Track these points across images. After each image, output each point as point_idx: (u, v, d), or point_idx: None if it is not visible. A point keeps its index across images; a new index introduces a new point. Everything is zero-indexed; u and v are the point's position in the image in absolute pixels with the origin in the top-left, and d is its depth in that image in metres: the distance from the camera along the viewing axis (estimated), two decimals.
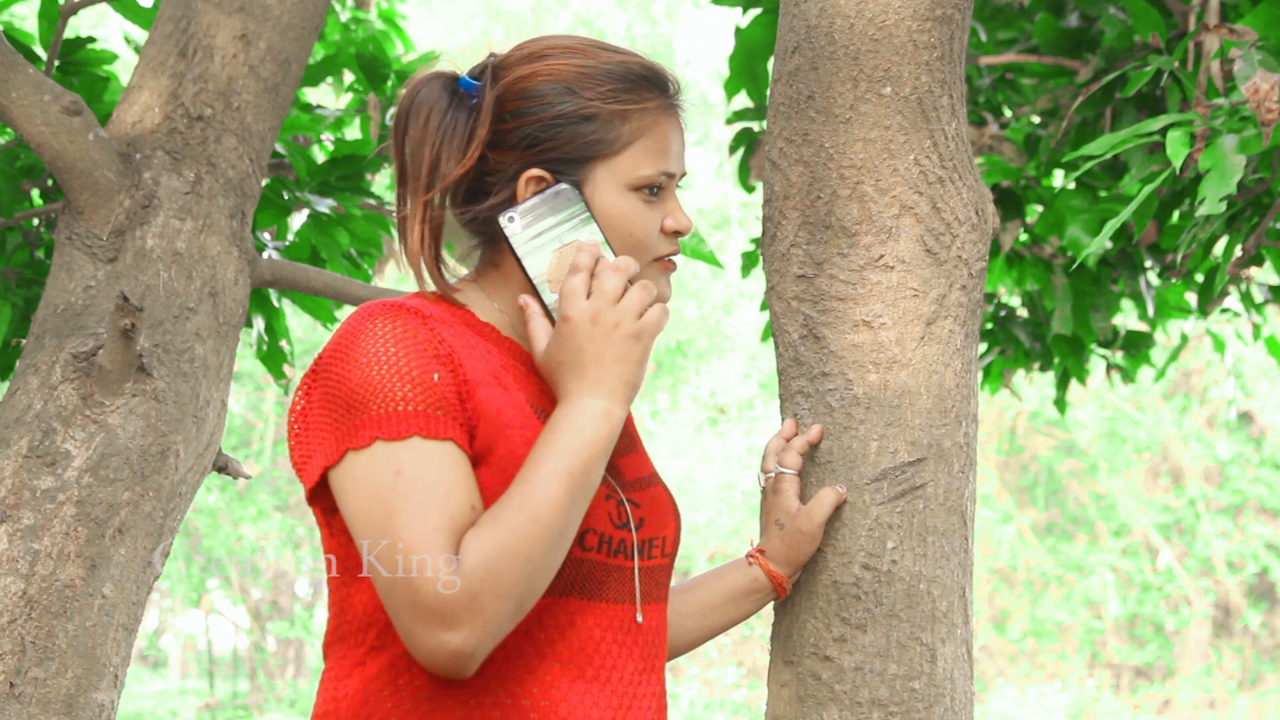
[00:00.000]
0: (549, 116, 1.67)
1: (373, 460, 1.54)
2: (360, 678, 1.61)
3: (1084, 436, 15.82)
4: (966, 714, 1.99)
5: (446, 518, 1.52)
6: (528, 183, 1.68)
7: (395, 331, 1.59)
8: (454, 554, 1.50)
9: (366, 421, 1.55)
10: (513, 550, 1.52)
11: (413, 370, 1.57)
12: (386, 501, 1.53)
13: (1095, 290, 4.06)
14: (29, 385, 2.60)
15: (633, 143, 1.69)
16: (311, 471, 1.60)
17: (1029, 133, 3.99)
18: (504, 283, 1.72)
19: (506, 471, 1.59)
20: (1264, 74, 2.62)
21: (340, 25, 4.22)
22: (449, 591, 1.49)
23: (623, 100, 1.69)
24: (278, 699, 15.97)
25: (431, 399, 1.56)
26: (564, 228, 1.66)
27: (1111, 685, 16.59)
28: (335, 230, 3.42)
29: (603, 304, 1.62)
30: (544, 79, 1.68)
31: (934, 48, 2.01)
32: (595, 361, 1.61)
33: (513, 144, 1.68)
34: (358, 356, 1.58)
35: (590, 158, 1.68)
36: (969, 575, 2.02)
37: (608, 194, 1.69)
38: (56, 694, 2.43)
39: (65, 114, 2.70)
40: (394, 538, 1.51)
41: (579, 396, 1.61)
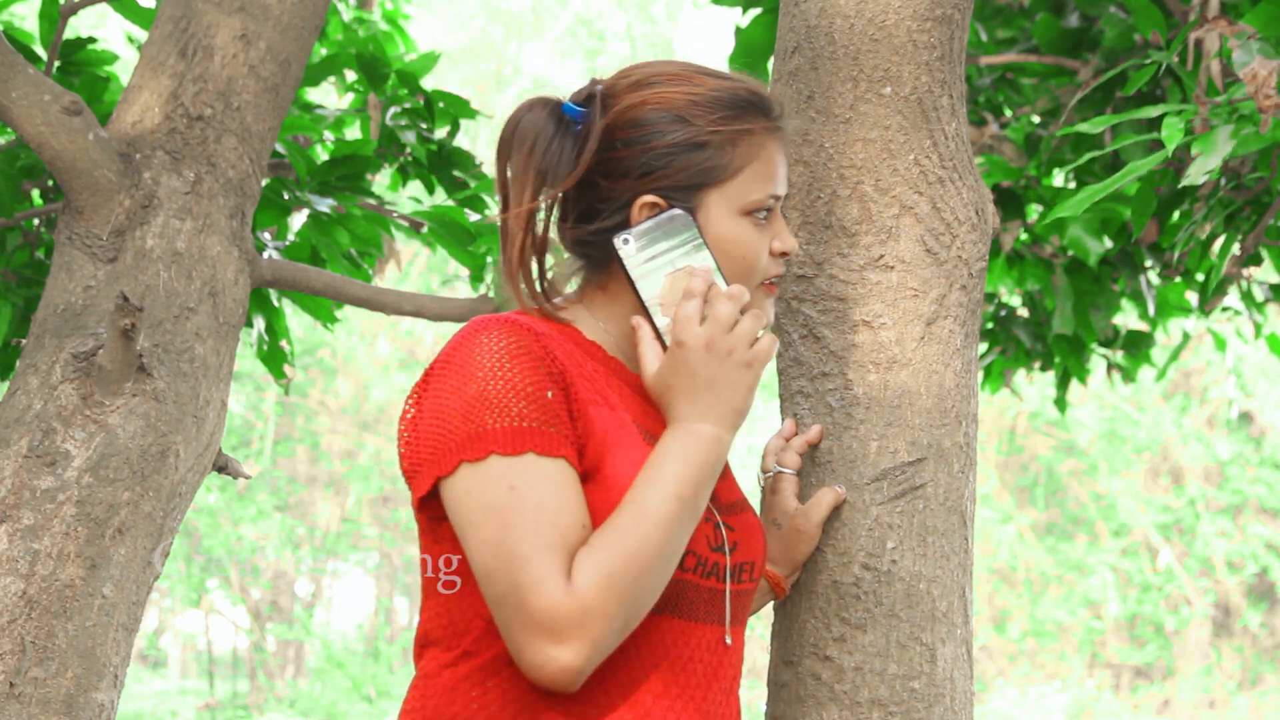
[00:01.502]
0: (662, 145, 1.70)
1: (488, 474, 1.57)
2: (449, 677, 1.64)
3: (1084, 436, 15.81)
4: (966, 714, 1.99)
5: (559, 535, 1.55)
6: (641, 208, 1.70)
7: (510, 346, 1.61)
8: (566, 571, 1.54)
9: (482, 435, 1.57)
10: (623, 571, 1.55)
11: (528, 386, 1.59)
12: (501, 516, 1.55)
13: (1095, 290, 4.06)
14: (29, 385, 2.60)
15: (743, 168, 1.72)
16: (423, 480, 1.62)
17: (1029, 132, 3.99)
18: (610, 303, 1.75)
19: (612, 490, 1.62)
20: (1262, 60, 2.62)
21: (342, 25, 4.23)
22: (561, 607, 1.52)
23: (732, 126, 1.72)
24: (277, 699, 15.97)
25: (545, 416, 1.59)
26: (677, 253, 1.69)
27: (1111, 685, 16.59)
28: (335, 230, 3.42)
29: (717, 331, 1.65)
30: (654, 107, 1.71)
31: (934, 48, 2.01)
32: (707, 387, 1.65)
33: (625, 171, 1.70)
34: (473, 369, 1.60)
35: (703, 184, 1.71)
36: (969, 575, 2.02)
37: (721, 219, 1.71)
38: (56, 694, 2.43)
39: (65, 114, 2.70)
40: (508, 552, 1.54)
41: (690, 421, 1.64)
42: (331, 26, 4.19)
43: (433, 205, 3.56)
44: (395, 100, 3.68)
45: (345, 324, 15.04)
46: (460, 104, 3.66)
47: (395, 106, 3.67)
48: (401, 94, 3.69)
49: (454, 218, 3.38)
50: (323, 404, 16.55)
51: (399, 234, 3.71)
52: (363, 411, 16.52)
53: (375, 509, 17.17)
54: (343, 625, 17.65)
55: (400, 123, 3.66)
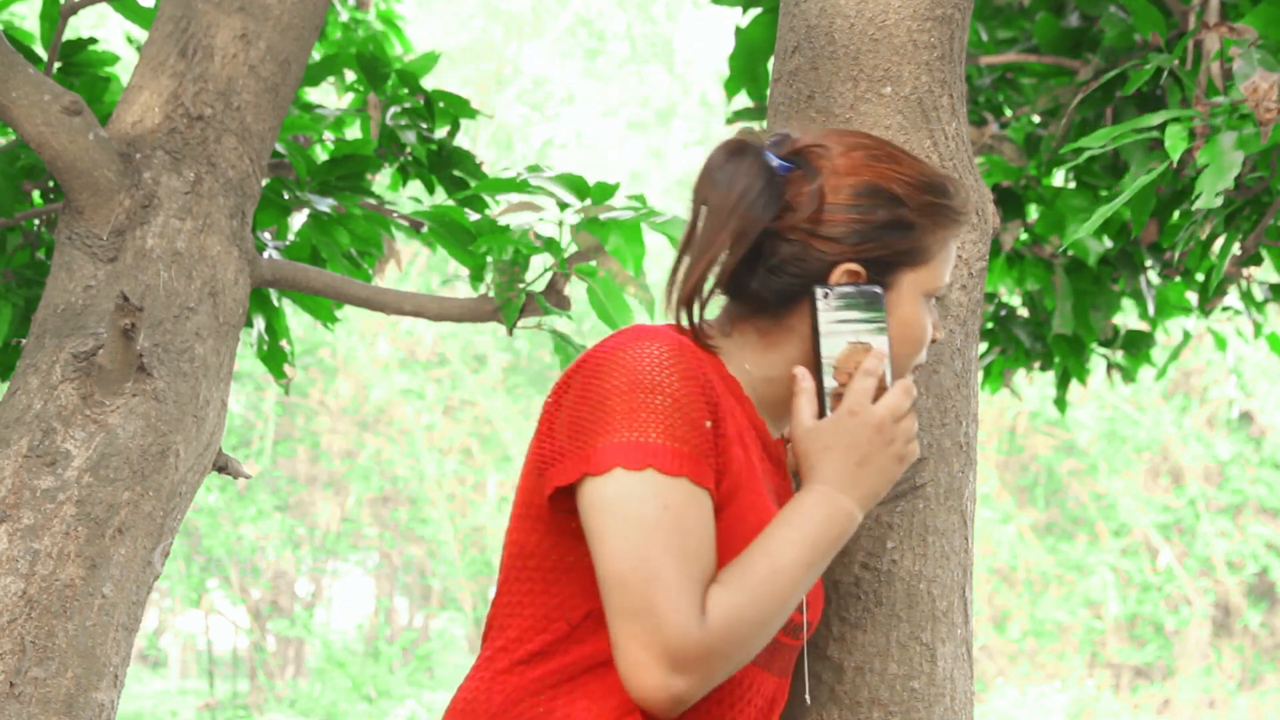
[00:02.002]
0: (878, 220, 1.73)
1: (644, 487, 1.58)
2: (519, 677, 1.65)
3: (1084, 436, 15.81)
4: (966, 714, 1.99)
5: (700, 568, 1.57)
6: (843, 273, 1.73)
7: (678, 366, 1.62)
8: (702, 604, 1.56)
9: (643, 447, 1.58)
10: (750, 619, 1.58)
11: (691, 410, 1.61)
12: (650, 533, 1.56)
13: (1095, 289, 4.06)
14: (29, 385, 2.60)
15: (935, 256, 1.77)
16: (566, 471, 1.62)
17: (1029, 132, 3.99)
18: (766, 349, 1.76)
19: (733, 531, 1.64)
20: (1263, 73, 2.62)
21: (341, 25, 4.23)
22: (692, 640, 1.55)
23: (936, 215, 1.76)
24: (277, 699, 15.97)
25: (702, 444, 1.61)
26: (863, 326, 1.72)
27: (1111, 685, 16.59)
28: (335, 230, 3.42)
29: (889, 417, 1.69)
30: (872, 182, 1.74)
31: (934, 47, 2.01)
32: (862, 464, 1.68)
33: (838, 236, 1.73)
34: (639, 376, 1.61)
35: (902, 265, 1.75)
36: (969, 575, 2.02)
37: (908, 300, 1.76)
38: (56, 694, 2.43)
39: (65, 114, 2.70)
40: (651, 571, 1.55)
41: (837, 491, 1.67)
42: (329, 26, 4.19)
43: (433, 205, 3.56)
44: (395, 100, 3.68)
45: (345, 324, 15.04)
46: (460, 104, 3.66)
47: (395, 106, 3.67)
48: (401, 94, 3.69)
49: (454, 218, 3.38)
50: (323, 404, 16.55)
51: (399, 234, 3.71)
52: (363, 411, 16.51)
53: (375, 509, 17.17)
54: (343, 625, 17.65)
55: (400, 122, 3.66)
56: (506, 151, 17.02)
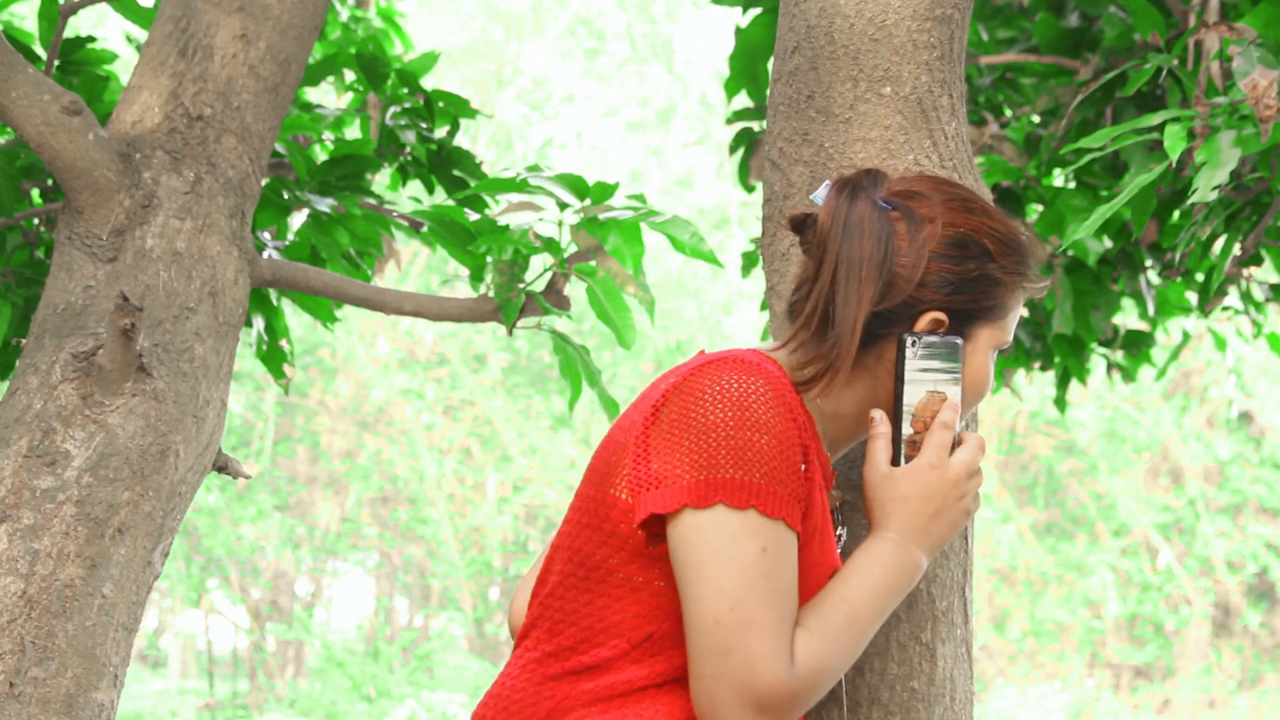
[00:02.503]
0: (969, 271, 1.76)
1: (745, 526, 1.59)
2: (571, 686, 1.65)
3: (1084, 436, 15.81)
4: (966, 714, 1.99)
5: (790, 611, 1.60)
6: (928, 321, 1.75)
7: (780, 405, 1.64)
8: (791, 650, 1.58)
9: (749, 487, 1.60)
10: (832, 666, 1.61)
11: (790, 452, 1.63)
12: (748, 574, 1.58)
13: (1096, 289, 4.06)
14: (29, 385, 2.60)
15: (1010, 311, 1.80)
16: (668, 500, 1.62)
17: (1029, 132, 3.99)
18: (842, 388, 1.77)
19: (808, 574, 1.66)
20: (1262, 70, 2.62)
21: (341, 24, 4.22)
22: (782, 686, 1.56)
23: (1017, 274, 1.79)
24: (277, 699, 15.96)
25: (797, 488, 1.63)
26: (941, 376, 1.74)
27: (1111, 685, 16.59)
28: (335, 230, 3.42)
29: (963, 472, 1.73)
30: (970, 234, 1.77)
31: (934, 47, 2.01)
32: (934, 517, 1.71)
33: (930, 284, 1.75)
34: (745, 413, 1.62)
35: (982, 318, 1.78)
36: (968, 575, 2.02)
37: (982, 353, 1.79)
38: (56, 694, 2.43)
39: (65, 114, 2.70)
40: (746, 613, 1.57)
41: (910, 543, 1.70)
42: (329, 26, 4.18)
43: (433, 205, 3.56)
44: (395, 100, 3.68)
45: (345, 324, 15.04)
46: (460, 104, 3.66)
47: (395, 106, 3.67)
48: (401, 94, 3.69)
49: (454, 217, 3.38)
50: (323, 404, 16.55)
51: (399, 234, 3.71)
52: (363, 411, 16.51)
53: (375, 509, 17.17)
54: (343, 625, 17.64)
55: (400, 122, 3.66)
56: (506, 151, 17.02)
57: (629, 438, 1.68)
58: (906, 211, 1.75)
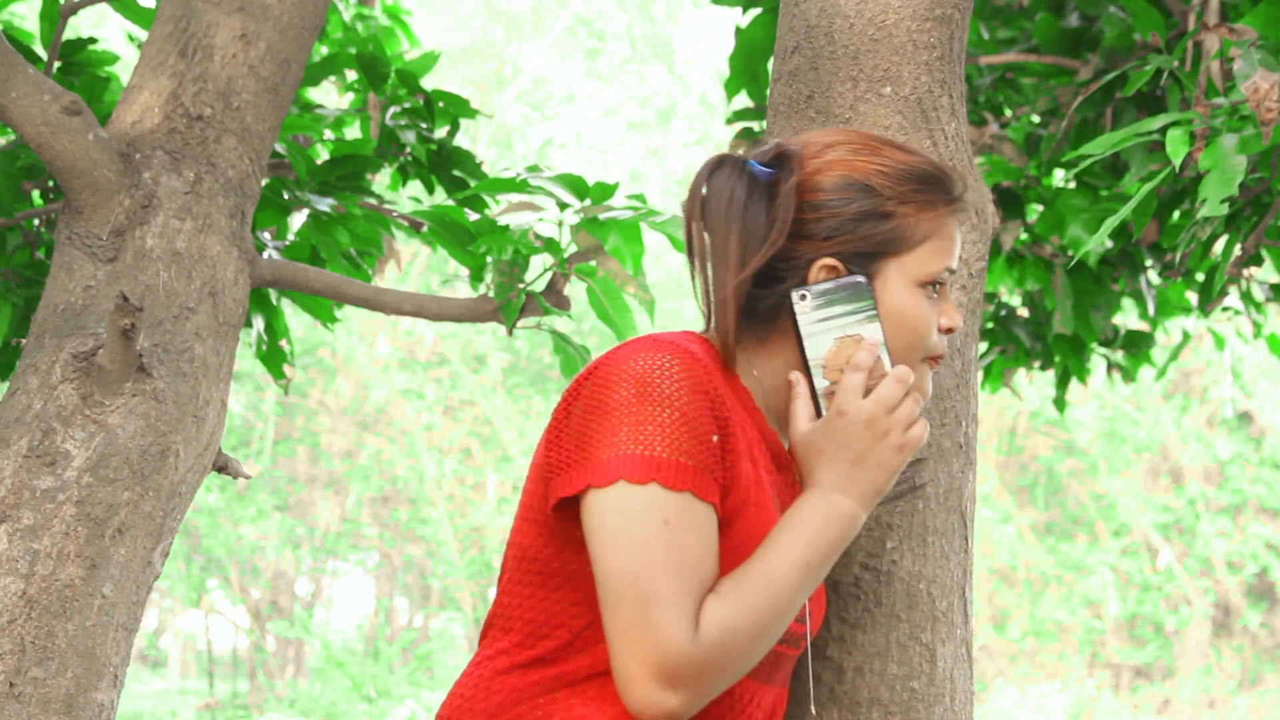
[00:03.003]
0: (850, 212, 1.72)
1: (646, 501, 1.57)
2: (520, 679, 1.64)
3: (1084, 436, 15.81)
4: (966, 714, 1.99)
5: (698, 582, 1.56)
6: (820, 270, 1.72)
7: (688, 378, 1.62)
8: (696, 620, 1.55)
9: (648, 461, 1.58)
10: (746, 630, 1.57)
11: (698, 424, 1.60)
12: (649, 548, 1.56)
13: (1096, 289, 4.06)
14: (29, 385, 2.60)
15: (923, 242, 1.74)
16: (573, 482, 1.61)
17: (1029, 132, 3.99)
18: (768, 357, 1.75)
19: (740, 547, 1.63)
20: (1264, 73, 2.62)
21: (342, 24, 4.22)
22: (685, 655, 1.53)
23: (918, 201, 1.74)
24: (277, 699, 15.96)
25: (708, 459, 1.60)
26: (849, 319, 1.70)
27: (1111, 685, 16.59)
28: (335, 230, 3.42)
29: (879, 410, 1.67)
30: (844, 175, 1.73)
31: (934, 48, 2.01)
32: (857, 463, 1.66)
33: (810, 233, 1.72)
34: (649, 389, 1.60)
35: (883, 254, 1.73)
36: (969, 575, 2.02)
37: (899, 290, 1.73)
38: (56, 694, 2.43)
39: (65, 114, 2.70)
40: (647, 585, 1.55)
41: (833, 492, 1.66)
42: (332, 25, 4.18)
43: (433, 205, 3.56)
44: (395, 100, 3.68)
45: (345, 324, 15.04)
46: (460, 104, 3.66)
47: (395, 106, 3.67)
48: (401, 94, 3.69)
49: (454, 217, 3.38)
50: (323, 404, 16.55)
51: (399, 234, 3.71)
52: (363, 411, 16.51)
53: (375, 509, 17.17)
54: (343, 625, 17.64)
55: (400, 122, 3.66)
56: (506, 151, 17.02)
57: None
58: (784, 172, 1.73)
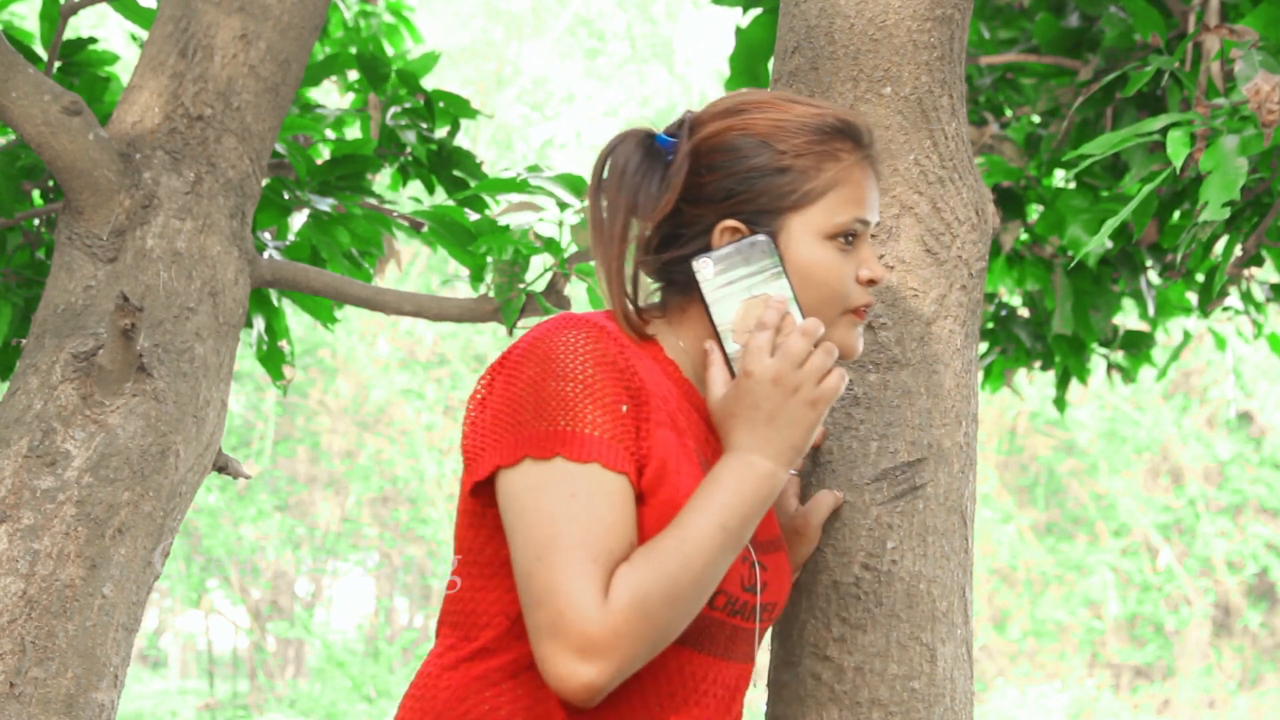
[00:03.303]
0: (744, 170, 1.70)
1: (550, 475, 1.56)
2: (465, 673, 1.63)
3: (1084, 436, 15.81)
4: (966, 714, 1.99)
5: (605, 551, 1.54)
6: (722, 233, 1.70)
7: (594, 351, 1.60)
8: (606, 588, 1.53)
9: (552, 435, 1.57)
10: (659, 594, 1.54)
11: (605, 396, 1.58)
12: (554, 521, 1.54)
13: (1096, 290, 4.06)
14: (29, 385, 2.60)
15: (827, 193, 1.71)
16: (483, 465, 1.61)
17: (1029, 132, 3.99)
18: (691, 326, 1.74)
19: (664, 516, 1.61)
20: (1265, 75, 2.62)
21: (344, 23, 4.22)
22: (594, 624, 1.51)
23: (817, 152, 1.71)
24: (277, 699, 15.97)
25: (616, 430, 1.58)
26: (755, 279, 1.68)
27: (1111, 685, 16.59)
28: (336, 230, 3.42)
29: (786, 366, 1.64)
30: (739, 133, 1.71)
31: (934, 48, 2.01)
32: (768, 421, 1.64)
33: (708, 196, 1.70)
34: (553, 365, 1.59)
35: (785, 209, 1.70)
36: (969, 575, 2.02)
37: (802, 244, 1.71)
38: (56, 694, 2.43)
39: (65, 114, 2.70)
40: (553, 559, 1.53)
41: (746, 453, 1.63)
42: (333, 25, 4.18)
43: (433, 205, 3.56)
44: (395, 100, 3.68)
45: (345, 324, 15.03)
46: (460, 104, 3.66)
47: (395, 106, 3.67)
48: (402, 94, 3.69)
49: (454, 218, 3.38)
50: (323, 404, 16.55)
51: (399, 234, 3.71)
52: (363, 411, 16.51)
53: (375, 509, 17.17)
54: (343, 625, 17.65)
55: (400, 122, 3.66)
56: (506, 151, 17.02)
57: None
58: (680, 141, 1.72)
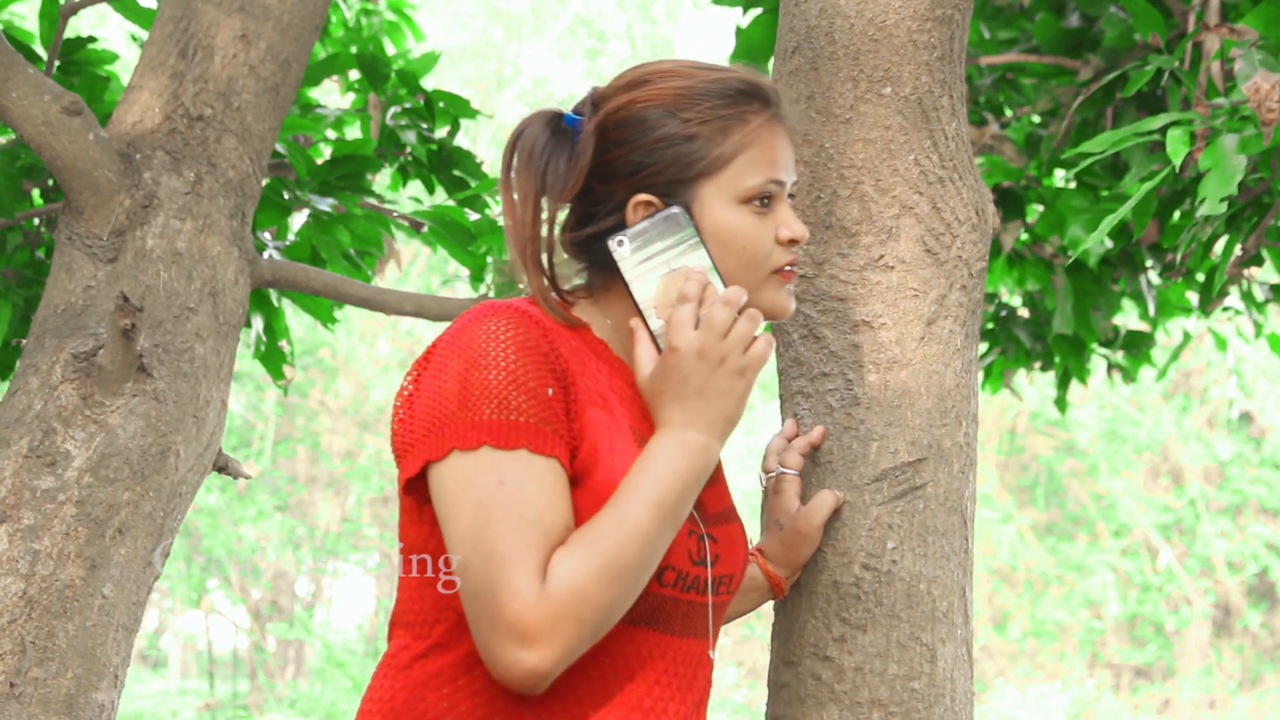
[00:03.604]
0: (651, 141, 1.68)
1: (478, 465, 1.54)
2: (420, 671, 1.61)
3: (1084, 436, 15.82)
4: (966, 714, 1.99)
5: (540, 535, 1.53)
6: (636, 208, 1.68)
7: (516, 337, 1.59)
8: (543, 573, 1.51)
9: (478, 425, 1.55)
10: (599, 575, 1.53)
11: (529, 380, 1.57)
12: (485, 510, 1.53)
13: (1096, 290, 4.06)
14: (29, 385, 2.60)
15: (736, 156, 1.69)
16: (413, 462, 1.59)
17: (1029, 132, 3.99)
18: (615, 304, 1.73)
19: (601, 496, 1.59)
20: (1265, 74, 2.62)
21: (344, 23, 4.22)
22: (533, 610, 1.50)
23: (722, 116, 1.69)
24: (278, 699, 15.97)
25: (543, 413, 1.57)
26: (673, 252, 1.66)
27: (1111, 685, 16.59)
28: (336, 230, 3.42)
29: (710, 337, 1.62)
30: (643, 104, 1.69)
31: (934, 48, 2.01)
32: (698, 395, 1.62)
33: (618, 172, 1.68)
34: (476, 355, 1.58)
35: (695, 177, 1.68)
36: (969, 575, 2.01)
37: (717, 210, 1.68)
38: (56, 694, 2.43)
39: (65, 114, 2.70)
40: (487, 548, 1.52)
41: (679, 428, 1.62)
42: (333, 25, 4.18)
43: (433, 205, 3.56)
44: (395, 100, 3.68)
45: (345, 324, 15.03)
46: (460, 104, 3.66)
47: (395, 106, 3.67)
48: (402, 94, 3.69)
49: (454, 218, 3.39)
50: (323, 404, 16.55)
51: (399, 234, 3.71)
52: (363, 411, 16.51)
53: (375, 509, 17.18)
54: (343, 625, 17.65)
55: (400, 122, 3.66)
56: None
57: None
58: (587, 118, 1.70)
